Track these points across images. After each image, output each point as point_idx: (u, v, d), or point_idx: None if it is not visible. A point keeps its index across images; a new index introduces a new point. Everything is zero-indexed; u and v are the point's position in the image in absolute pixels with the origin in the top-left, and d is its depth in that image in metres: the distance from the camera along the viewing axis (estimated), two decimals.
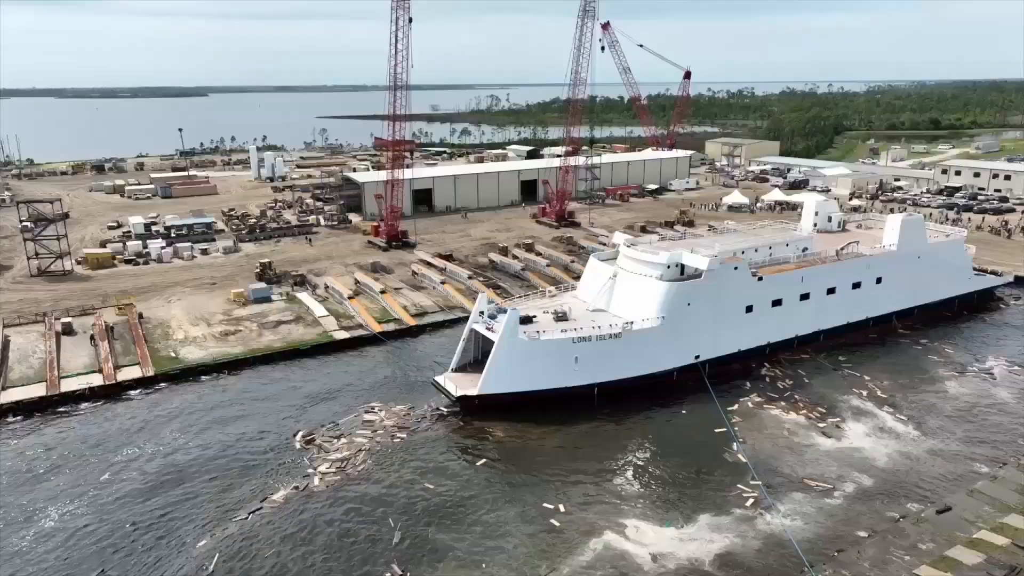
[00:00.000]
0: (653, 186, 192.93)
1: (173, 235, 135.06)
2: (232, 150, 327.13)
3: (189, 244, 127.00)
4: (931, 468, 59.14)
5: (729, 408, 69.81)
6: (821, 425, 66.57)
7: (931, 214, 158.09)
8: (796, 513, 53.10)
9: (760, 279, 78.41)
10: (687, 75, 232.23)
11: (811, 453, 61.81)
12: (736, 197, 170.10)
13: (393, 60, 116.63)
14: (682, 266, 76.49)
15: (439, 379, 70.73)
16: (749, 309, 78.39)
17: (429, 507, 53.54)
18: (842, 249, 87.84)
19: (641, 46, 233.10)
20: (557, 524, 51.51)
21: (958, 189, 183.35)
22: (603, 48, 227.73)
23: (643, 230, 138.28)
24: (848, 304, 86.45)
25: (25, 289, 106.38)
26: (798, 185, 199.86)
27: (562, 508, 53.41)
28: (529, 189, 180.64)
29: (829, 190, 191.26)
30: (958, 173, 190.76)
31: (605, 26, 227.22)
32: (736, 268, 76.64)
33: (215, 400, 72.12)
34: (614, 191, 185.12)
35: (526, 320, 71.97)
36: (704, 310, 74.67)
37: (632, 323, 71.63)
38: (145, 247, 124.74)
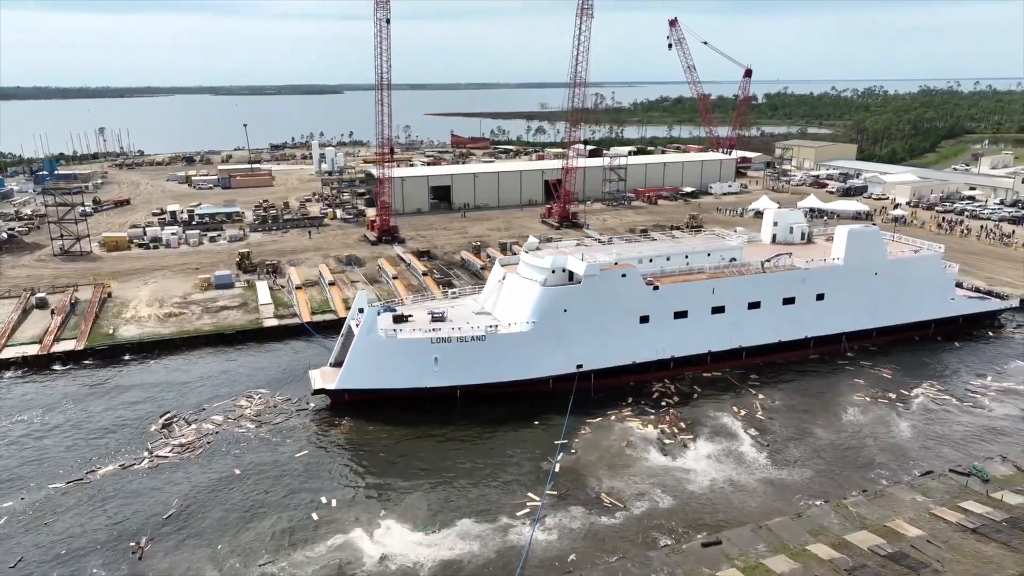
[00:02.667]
0: (689, 188, 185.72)
1: (195, 222, 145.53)
2: (326, 144, 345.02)
3: (197, 232, 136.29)
4: (746, 498, 55.03)
5: (589, 419, 67.56)
6: (668, 443, 63.29)
7: (982, 226, 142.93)
8: (558, 527, 51.32)
9: (656, 288, 74.64)
10: (747, 73, 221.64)
11: (634, 469, 59.06)
12: (764, 203, 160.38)
13: (378, 60, 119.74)
14: (571, 272, 74.24)
15: (312, 372, 72.80)
16: (645, 319, 74.87)
17: (220, 492, 55.89)
18: (768, 261, 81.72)
19: (705, 43, 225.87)
20: (316, 517, 52.52)
21: None
22: (669, 46, 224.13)
23: (643, 233, 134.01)
24: (778, 321, 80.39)
25: (40, 266, 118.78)
26: (854, 191, 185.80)
27: (334, 503, 54.23)
28: (555, 188, 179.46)
29: (886, 197, 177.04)
30: None
31: (672, 23, 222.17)
32: (624, 275, 73.42)
33: (115, 377, 78.14)
34: (644, 193, 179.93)
35: (400, 319, 72.65)
36: (585, 317, 72.19)
37: (497, 326, 70.57)
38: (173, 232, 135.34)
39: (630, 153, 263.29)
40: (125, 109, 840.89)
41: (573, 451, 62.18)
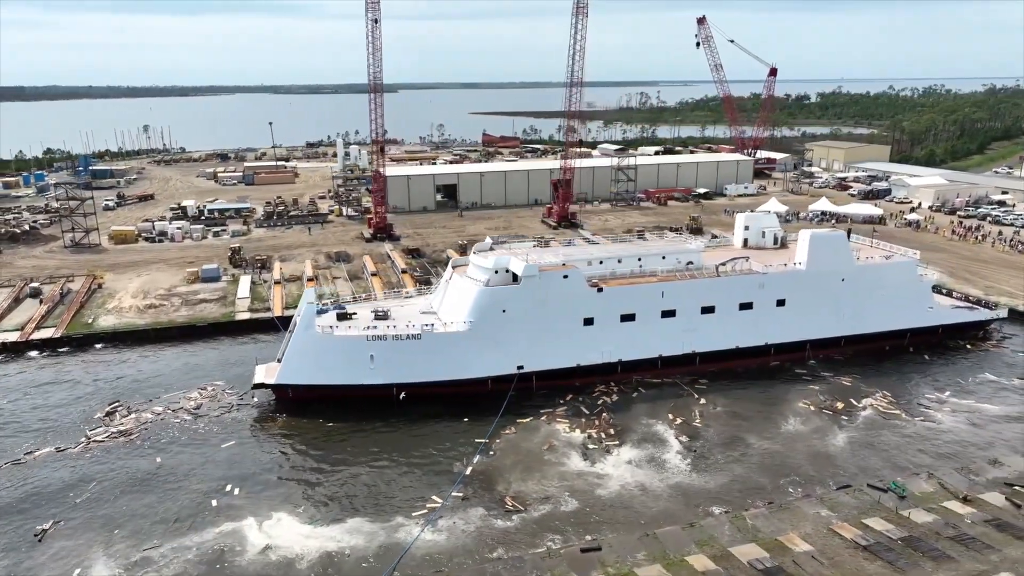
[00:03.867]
0: (702, 190, 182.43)
1: (204, 217, 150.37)
2: (358, 143, 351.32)
3: (201, 227, 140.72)
4: (650, 505, 54.32)
5: (520, 420, 67.52)
6: (592, 447, 62.79)
7: (1000, 233, 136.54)
8: (449, 528, 51.47)
9: (600, 290, 73.94)
10: (772, 72, 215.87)
11: (548, 472, 58.81)
12: (773, 205, 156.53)
13: (370, 60, 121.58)
14: (515, 273, 74.14)
15: (259, 367, 74.52)
16: (589, 322, 74.27)
17: (137, 478, 58.02)
18: (722, 265, 79.94)
19: (732, 41, 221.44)
20: (215, 504, 54.14)
21: None
22: (697, 44, 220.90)
23: (640, 234, 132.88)
24: (735, 326, 78.62)
25: (48, 257, 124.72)
26: (876, 194, 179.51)
27: (237, 491, 55.74)
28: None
29: (908, 201, 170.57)
30: None
31: (701, 20, 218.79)
32: (566, 276, 72.97)
33: (82, 365, 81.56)
34: (654, 194, 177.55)
35: (344, 316, 73.90)
36: (525, 318, 72.06)
37: (432, 325, 71.08)
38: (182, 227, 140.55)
39: (656, 153, 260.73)
40: (186, 107, 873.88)
41: (492, 452, 62.25)
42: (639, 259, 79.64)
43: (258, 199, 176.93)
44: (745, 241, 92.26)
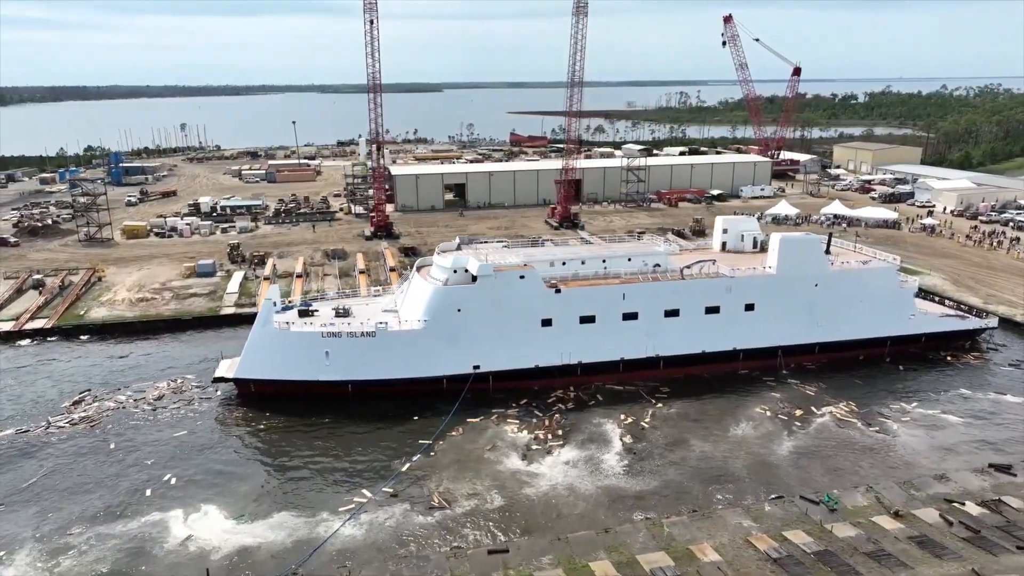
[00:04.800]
0: (716, 191, 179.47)
1: (216, 214, 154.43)
2: (387, 141, 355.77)
3: (210, 223, 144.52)
4: (575, 507, 54.25)
5: (470, 419, 67.81)
6: (535, 447, 62.96)
7: (1018, 238, 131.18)
8: (370, 524, 52.09)
9: (558, 291, 73.66)
10: (796, 72, 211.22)
11: (483, 471, 59.11)
12: (783, 208, 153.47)
13: (369, 60, 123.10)
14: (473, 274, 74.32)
15: (224, 361, 76.30)
16: (547, 323, 74.06)
17: (86, 464, 60.25)
18: (687, 267, 78.72)
19: (757, 40, 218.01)
20: (148, 493, 55.80)
21: None
22: (724, 43, 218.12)
23: (640, 235, 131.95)
24: (701, 331, 77.43)
25: (61, 251, 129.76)
26: (899, 198, 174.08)
27: (173, 481, 57.38)
28: (575, 187, 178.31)
29: (932, 204, 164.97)
30: None
31: (727, 19, 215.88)
32: (522, 277, 72.87)
33: (66, 354, 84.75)
34: (668, 194, 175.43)
35: (306, 313, 75.25)
36: (481, 318, 72.25)
37: (387, 323, 71.81)
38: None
39: (681, 153, 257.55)
40: (234, 106, 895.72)
41: (433, 452, 62.66)
42: (604, 261, 78.99)
43: (276, 196, 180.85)
44: (724, 244, 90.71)
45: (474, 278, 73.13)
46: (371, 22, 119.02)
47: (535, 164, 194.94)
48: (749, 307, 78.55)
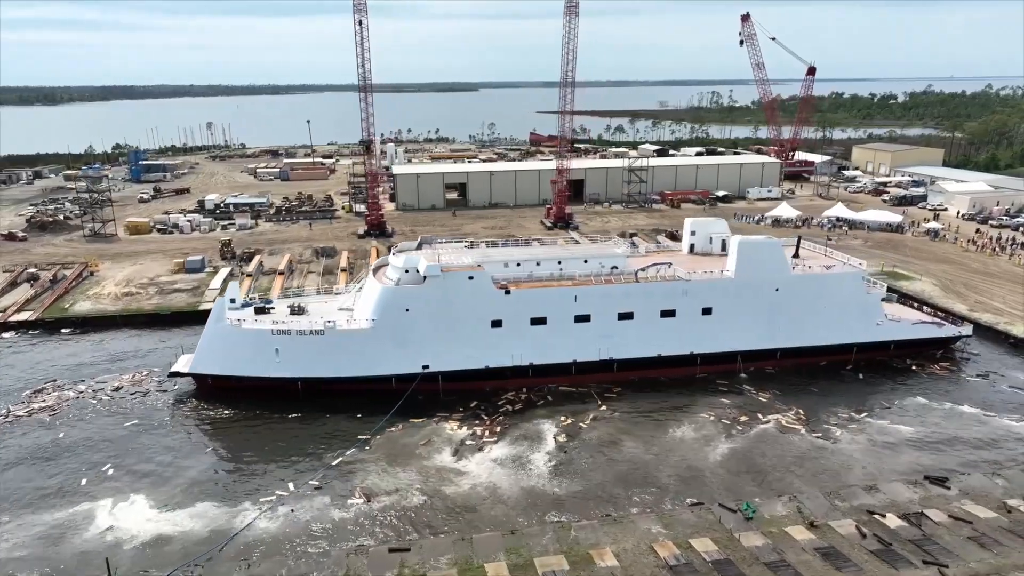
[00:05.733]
0: (722, 192, 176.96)
1: (219, 211, 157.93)
2: (408, 140, 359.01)
3: (210, 220, 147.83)
4: (492, 506, 54.24)
5: (413, 418, 68.39)
6: (469, 443, 63.43)
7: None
8: (286, 516, 52.88)
9: (507, 292, 73.71)
10: (810, 72, 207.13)
11: (410, 467, 59.62)
12: (784, 210, 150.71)
13: (359, 59, 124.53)
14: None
15: (183, 356, 78.03)
16: (497, 324, 74.20)
17: (33, 451, 62.50)
18: (642, 270, 77.99)
19: (773, 39, 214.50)
20: (83, 483, 57.54)
21: None
22: (741, 42, 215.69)
23: (632, 236, 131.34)
24: (656, 334, 76.73)
25: (65, 245, 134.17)
26: (910, 201, 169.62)
27: (111, 471, 59.19)
28: (577, 188, 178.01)
29: (943, 208, 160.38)
30: None
31: (744, 18, 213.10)
32: (471, 277, 73.10)
33: (42, 345, 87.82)
34: (671, 195, 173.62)
35: (262, 310, 76.67)
36: (429, 318, 72.69)
37: (335, 322, 72.72)
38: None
39: (698, 154, 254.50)
40: (272, 104, 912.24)
41: (368, 447, 63.46)
42: (559, 262, 78.78)
43: (285, 194, 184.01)
44: (691, 247, 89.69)
45: (424, 278, 73.70)
46: (360, 22, 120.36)
47: (536, 164, 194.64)
48: (706, 311, 77.56)
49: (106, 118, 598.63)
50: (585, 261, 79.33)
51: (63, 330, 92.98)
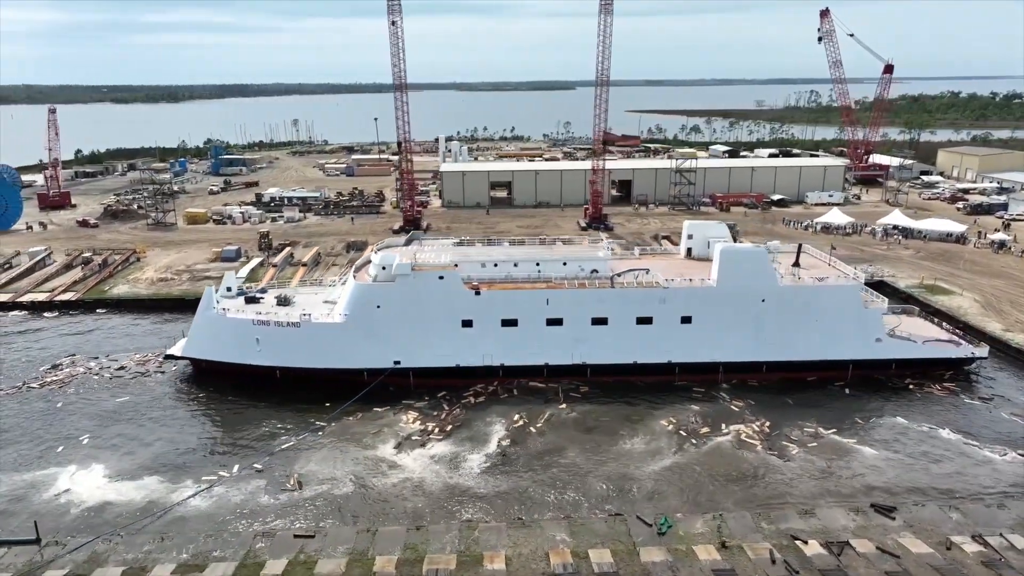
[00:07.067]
0: (778, 196, 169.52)
1: (273, 204, 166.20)
2: (484, 139, 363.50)
3: (261, 212, 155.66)
4: (413, 502, 55.07)
5: (377, 408, 70.30)
6: (416, 438, 64.54)
7: None
8: (220, 497, 55.76)
9: (478, 293, 74.18)
10: (887, 70, 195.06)
11: (350, 457, 61.42)
12: (834, 216, 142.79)
13: (393, 60, 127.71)
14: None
15: (181, 340, 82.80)
16: (468, 324, 74.85)
17: (31, 418, 68.72)
18: (618, 275, 76.34)
19: (851, 35, 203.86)
20: (59, 449, 62.84)
21: None
22: (819, 39, 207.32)
23: (665, 240, 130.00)
24: (632, 341, 75.21)
25: (128, 233, 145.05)
26: (987, 209, 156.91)
27: (86, 441, 64.24)
28: (624, 188, 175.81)
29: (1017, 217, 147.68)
30: None
31: (824, 13, 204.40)
32: (441, 277, 74.03)
33: (77, 324, 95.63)
34: (723, 198, 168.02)
35: (253, 300, 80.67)
36: (400, 315, 74.22)
37: (311, 315, 75.41)
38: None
39: (770, 155, 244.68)
40: (372, 103, 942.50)
41: (320, 433, 65.76)
42: (537, 264, 78.50)
43: (345, 189, 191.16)
44: (689, 251, 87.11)
45: (395, 277, 75.36)
46: (393, 23, 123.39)
47: (583, 164, 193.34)
48: (686, 320, 75.24)
49: (213, 115, 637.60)
50: (564, 263, 78.70)
51: (99, 310, 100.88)
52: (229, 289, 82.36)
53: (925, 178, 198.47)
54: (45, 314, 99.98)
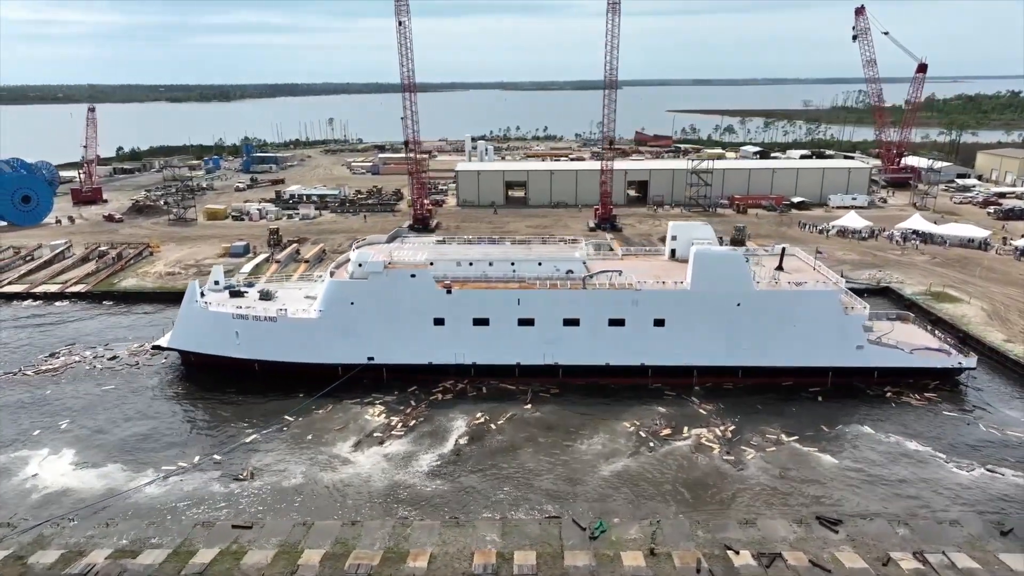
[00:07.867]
0: (798, 199, 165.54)
1: (292, 201, 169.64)
2: (516, 138, 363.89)
3: (276, 209, 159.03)
4: (352, 496, 55.71)
5: (349, 400, 71.60)
6: (378, 435, 65.32)
7: None
8: (174, 487, 57.26)
9: (449, 292, 74.56)
10: (921, 68, 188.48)
11: (310, 451, 62.48)
12: (851, 220, 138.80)
13: (401, 60, 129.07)
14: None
15: (169, 332, 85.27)
16: (440, 322, 75.34)
17: (24, 402, 71.83)
18: (591, 277, 75.69)
19: (886, 34, 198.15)
20: (36, 434, 65.45)
21: None
22: (854, 37, 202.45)
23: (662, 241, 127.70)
24: (604, 342, 74.65)
25: (149, 227, 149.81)
26: (1018, 215, 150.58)
27: (63, 426, 66.81)
28: (641, 189, 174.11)
29: None
30: None
31: (859, 11, 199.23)
32: (413, 276, 74.65)
33: (82, 313, 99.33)
34: (741, 200, 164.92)
35: (237, 294, 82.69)
36: (373, 313, 75.14)
37: (286, 310, 76.87)
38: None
39: (801, 156, 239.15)
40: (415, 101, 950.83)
41: (285, 427, 67.05)
42: (512, 264, 78.50)
43: (368, 187, 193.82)
44: (673, 252, 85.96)
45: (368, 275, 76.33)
46: (400, 23, 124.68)
47: (598, 164, 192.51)
48: (659, 322, 74.32)
49: (258, 114, 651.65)
50: (539, 264, 78.54)
51: (105, 302, 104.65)
52: (217, 283, 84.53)
53: (960, 181, 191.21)
54: (56, 304, 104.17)
